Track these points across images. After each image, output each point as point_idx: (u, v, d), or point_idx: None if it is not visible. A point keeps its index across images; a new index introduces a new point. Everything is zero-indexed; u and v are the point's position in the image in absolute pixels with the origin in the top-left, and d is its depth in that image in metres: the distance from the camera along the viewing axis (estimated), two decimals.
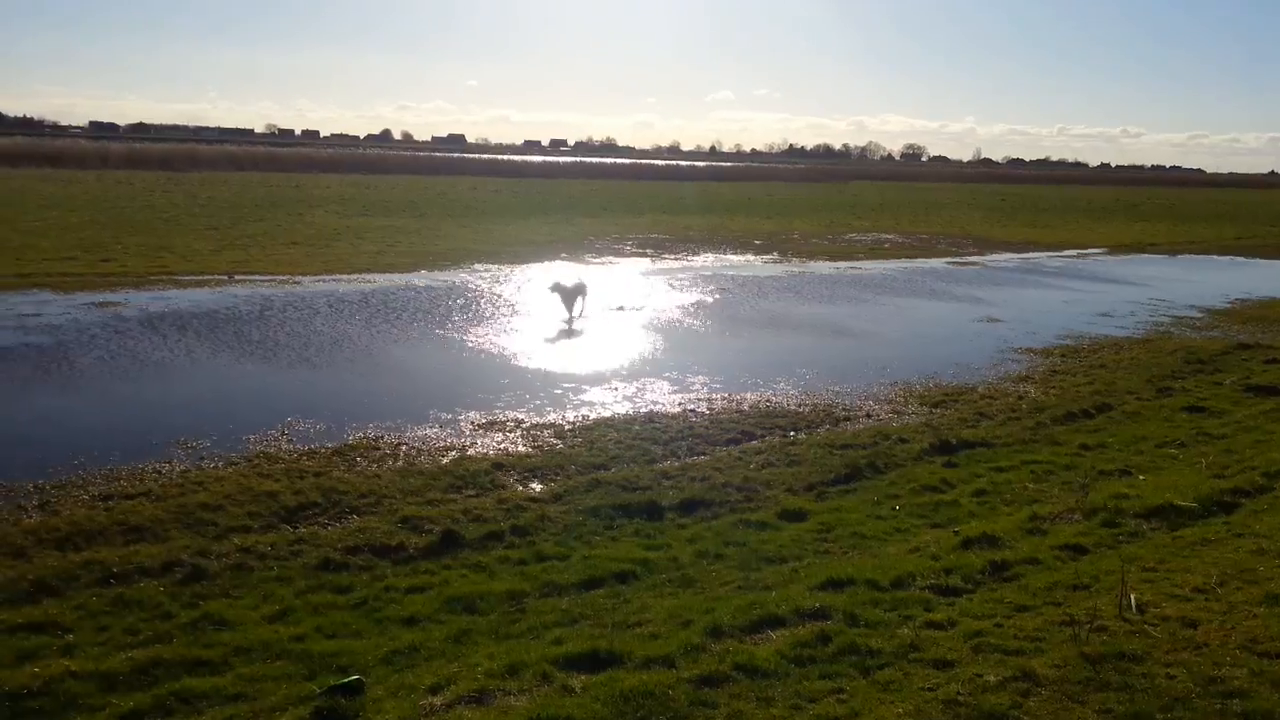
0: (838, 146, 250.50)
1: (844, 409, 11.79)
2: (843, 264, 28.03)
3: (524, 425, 10.67)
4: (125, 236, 26.27)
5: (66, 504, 7.83)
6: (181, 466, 8.87)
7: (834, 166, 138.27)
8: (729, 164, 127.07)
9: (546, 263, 25.41)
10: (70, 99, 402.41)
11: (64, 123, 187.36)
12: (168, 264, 21.72)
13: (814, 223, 43.62)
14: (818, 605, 5.85)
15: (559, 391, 12.15)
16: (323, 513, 7.99)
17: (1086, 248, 36.60)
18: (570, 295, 17.31)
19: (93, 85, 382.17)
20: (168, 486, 8.31)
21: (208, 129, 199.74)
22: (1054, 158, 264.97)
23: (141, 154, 66.83)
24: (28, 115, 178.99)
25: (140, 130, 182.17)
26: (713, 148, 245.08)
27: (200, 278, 20.06)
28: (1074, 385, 13.44)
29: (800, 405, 11.89)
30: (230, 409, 11.00)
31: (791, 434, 10.73)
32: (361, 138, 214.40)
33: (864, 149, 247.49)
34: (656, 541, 7.73)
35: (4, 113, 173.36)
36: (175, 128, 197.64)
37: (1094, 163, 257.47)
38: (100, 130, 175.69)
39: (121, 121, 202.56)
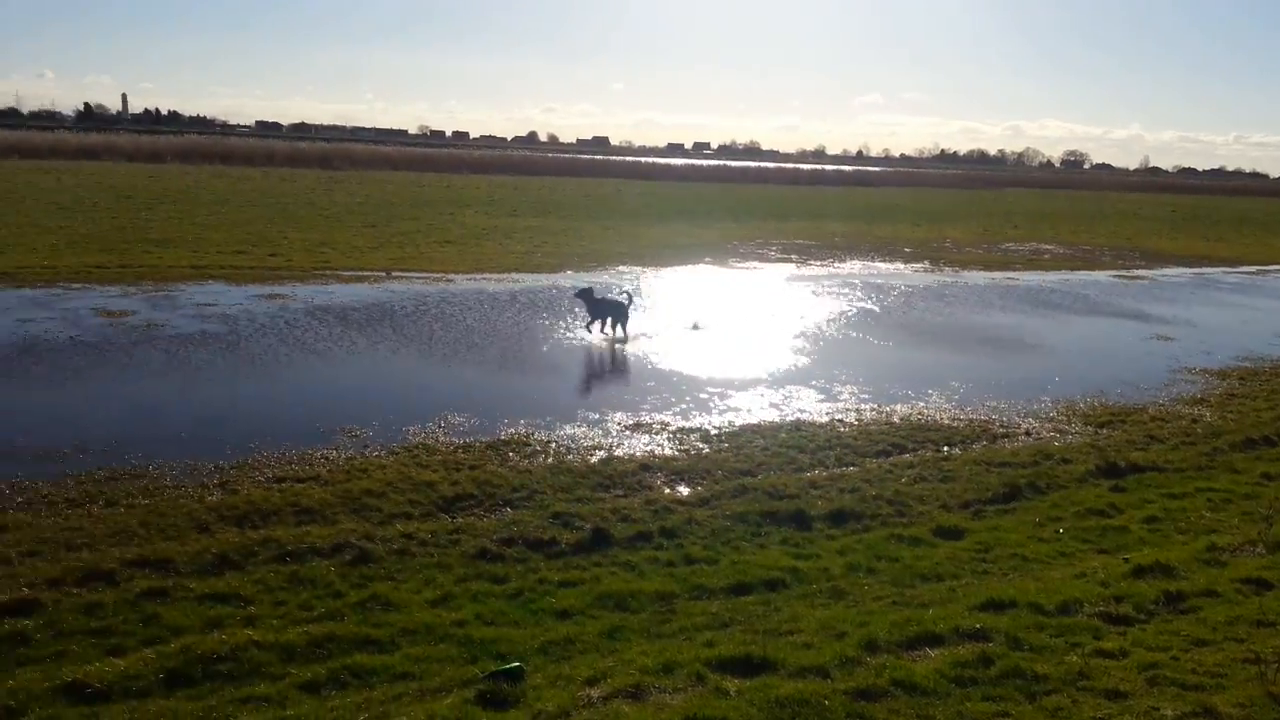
0: (993, 152, 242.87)
1: (1001, 425, 11.41)
2: (998, 274, 27.13)
3: (670, 428, 10.74)
4: (290, 232, 27.70)
5: (244, 484, 8.31)
6: (347, 454, 9.29)
7: (989, 173, 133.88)
8: (877, 169, 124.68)
9: (690, 265, 25.49)
10: (239, 100, 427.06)
11: (233, 122, 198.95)
12: (329, 259, 22.79)
13: (967, 230, 42.36)
14: (978, 626, 5.67)
15: (704, 396, 12.17)
16: (478, 504, 8.23)
17: (1267, 264, 34.34)
18: (599, 310, 15.46)
19: (260, 87, 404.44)
20: (335, 472, 8.72)
21: (364, 129, 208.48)
22: (1230, 167, 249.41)
23: (303, 153, 70.34)
24: (201, 115, 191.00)
25: (301, 130, 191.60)
26: (859, 152, 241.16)
27: (360, 273, 20.96)
28: (1254, 410, 12.63)
29: (954, 419, 11.57)
30: (390, 400, 11.46)
31: (945, 449, 10.44)
32: (509, 139, 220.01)
33: (1021, 155, 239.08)
34: (805, 551, 7.66)
35: (180, 112, 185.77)
36: (334, 127, 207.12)
37: (1275, 173, 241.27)
38: (265, 129, 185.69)
39: (285, 121, 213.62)
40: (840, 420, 11.29)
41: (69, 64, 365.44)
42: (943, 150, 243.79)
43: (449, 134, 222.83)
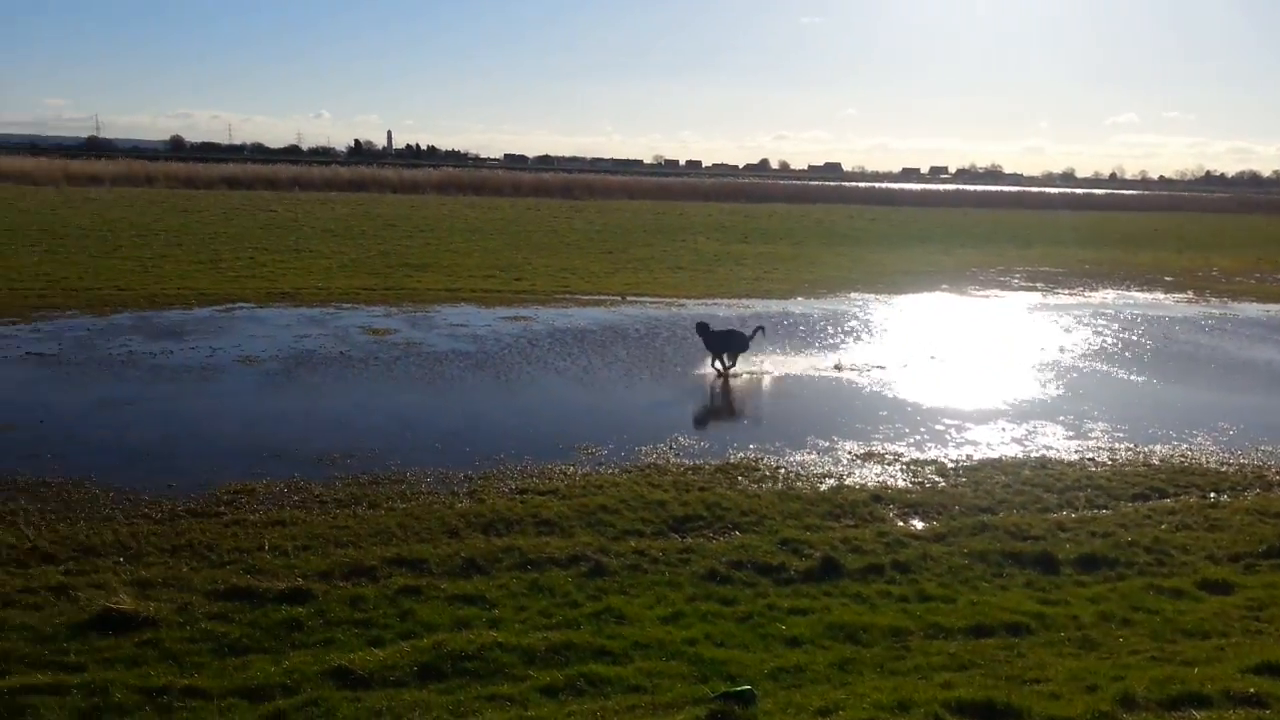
0: (1266, 174, 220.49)
1: (1278, 472, 10.33)
2: (1274, 307, 24.62)
3: (904, 459, 10.44)
4: (534, 258, 29.12)
5: (490, 494, 8.80)
6: (584, 470, 9.64)
7: (1262, 196, 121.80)
8: (1133, 192, 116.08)
9: (925, 293, 24.73)
10: (489, 134, 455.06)
11: (484, 155, 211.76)
12: (569, 284, 23.77)
13: (1238, 259, 38.71)
14: (1252, 690, 5.16)
15: (940, 427, 11.76)
16: (707, 525, 8.31)
17: None
18: (717, 343, 14.50)
19: (508, 121, 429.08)
20: (573, 487, 9.07)
21: (603, 160, 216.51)
22: None
23: (547, 183, 73.80)
24: (455, 149, 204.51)
25: (545, 161, 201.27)
26: (1113, 175, 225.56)
27: (597, 297, 21.75)
28: None
29: (1222, 464, 10.58)
30: (623, 419, 11.80)
31: (1211, 495, 9.57)
32: (740, 167, 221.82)
33: None
34: (1052, 596, 7.22)
35: (437, 147, 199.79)
36: (574, 159, 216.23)
37: None
38: (513, 161, 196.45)
39: (530, 154, 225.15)
40: (1091, 459, 10.59)
41: (342, 105, 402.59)
42: (1208, 172, 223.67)
43: (683, 163, 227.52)
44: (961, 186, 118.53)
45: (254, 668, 5.47)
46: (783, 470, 9.92)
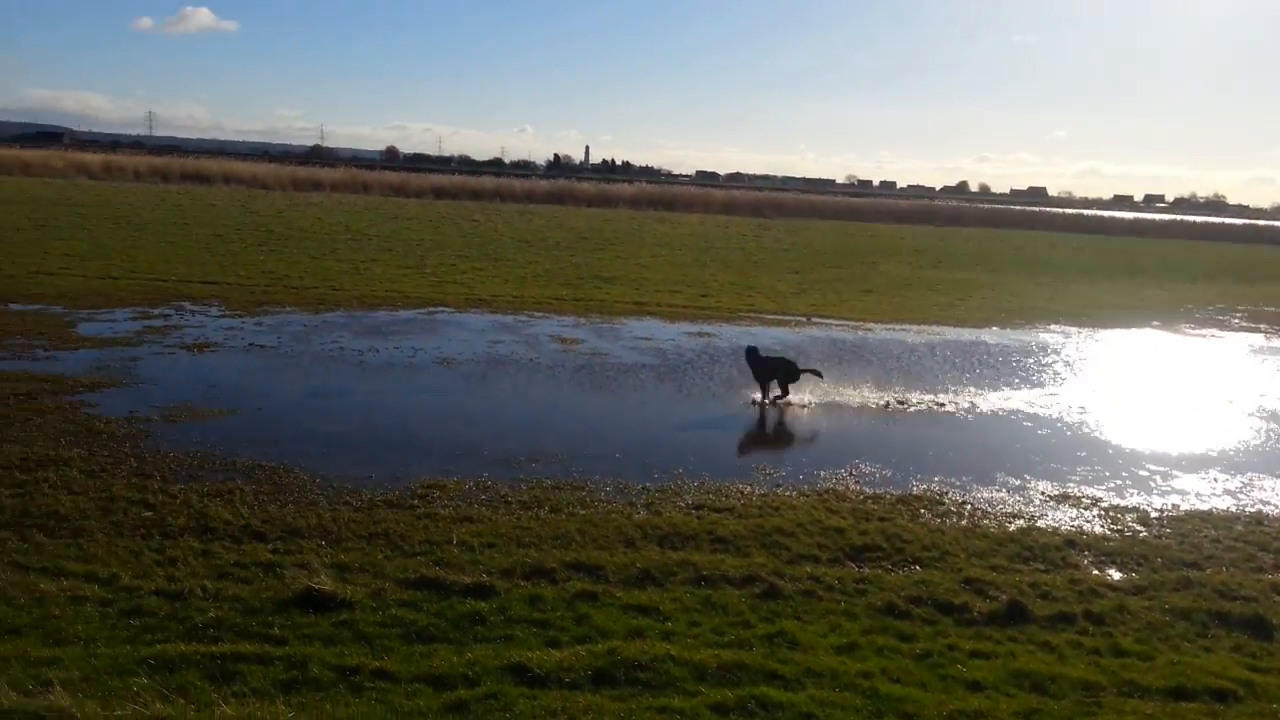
0: None
1: None
2: None
3: (1101, 504, 9.85)
4: (721, 275, 29.24)
5: (667, 507, 8.89)
6: (761, 490, 9.60)
7: None
8: None
9: (1134, 329, 23.27)
10: (683, 150, 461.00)
11: (676, 171, 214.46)
12: (754, 302, 23.73)
13: None
14: None
15: (1144, 473, 11.02)
16: (885, 557, 8.10)
17: None
18: (763, 371, 13.52)
19: (701, 138, 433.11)
20: (749, 507, 9.05)
21: (794, 178, 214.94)
22: None
23: (737, 201, 74.00)
24: (649, 165, 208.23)
25: (735, 179, 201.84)
26: None
27: (782, 317, 21.62)
28: None
29: None
30: (801, 441, 11.70)
31: None
32: (937, 189, 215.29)
33: None
34: (1263, 664, 6.63)
35: (631, 162, 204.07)
36: (765, 177, 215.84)
37: None
38: (704, 178, 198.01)
39: (721, 170, 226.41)
40: None
41: (544, 120, 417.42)
42: None
43: (877, 183, 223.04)
44: (1180, 217, 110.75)
45: (439, 656, 5.73)
46: (968, 506, 9.56)
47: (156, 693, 4.96)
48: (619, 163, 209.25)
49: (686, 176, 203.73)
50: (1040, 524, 9.16)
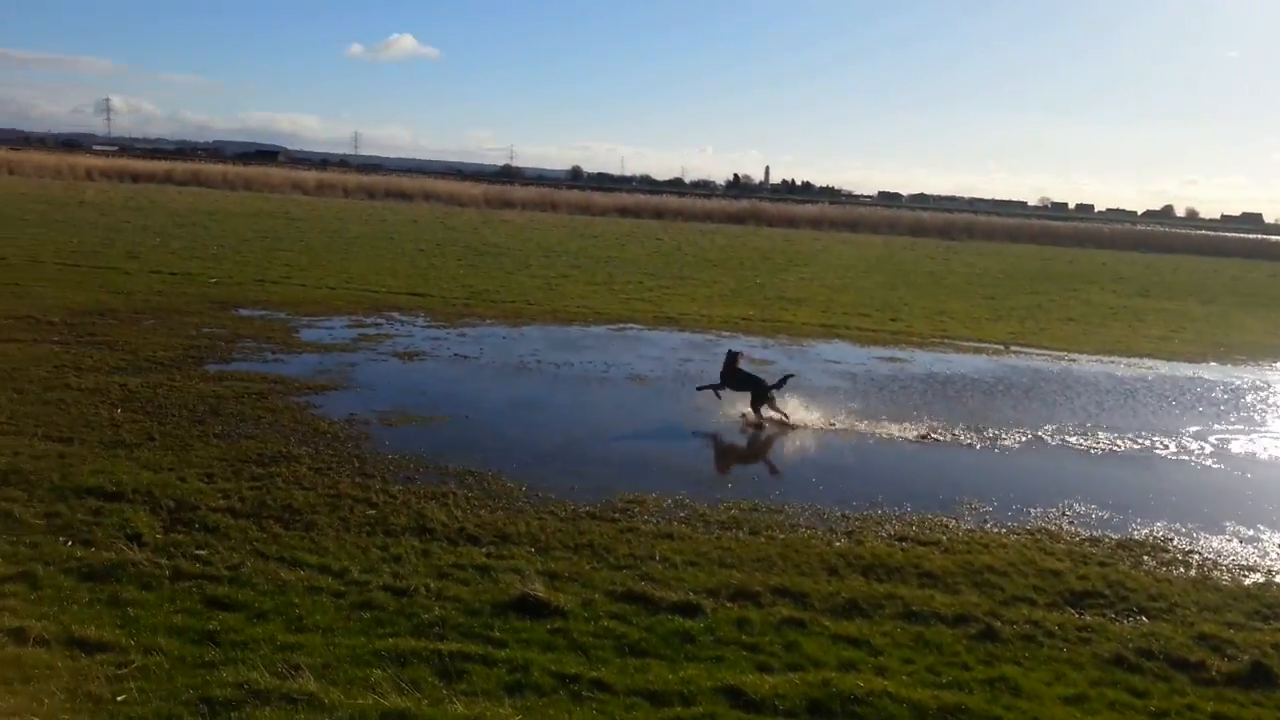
0: None
1: None
2: None
3: None
4: (910, 299, 28.50)
5: (868, 537, 8.68)
6: (967, 525, 9.24)
7: None
8: None
9: None
10: (866, 171, 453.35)
11: (857, 191, 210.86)
12: (947, 328, 22.99)
13: None
14: None
15: None
16: (1108, 605, 7.63)
17: None
18: (735, 382, 12.96)
19: (883, 158, 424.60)
20: (955, 542, 8.72)
21: (982, 200, 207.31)
22: None
23: (924, 223, 72.04)
24: (830, 185, 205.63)
25: (919, 200, 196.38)
26: None
27: (978, 344, 20.84)
28: None
29: None
30: (1008, 476, 11.20)
31: None
32: (1139, 214, 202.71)
33: None
34: None
35: (812, 183, 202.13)
36: (951, 198, 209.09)
37: None
38: (886, 199, 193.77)
39: (905, 192, 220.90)
40: None
41: (724, 140, 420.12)
42: None
43: (1072, 206, 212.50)
44: None
45: (652, 671, 5.78)
46: (1196, 556, 8.89)
47: (393, 685, 5.22)
48: (799, 183, 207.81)
49: (869, 197, 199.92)
50: (1279, 579, 8.43)
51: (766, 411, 12.77)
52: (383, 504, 8.65)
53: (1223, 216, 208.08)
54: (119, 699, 4.85)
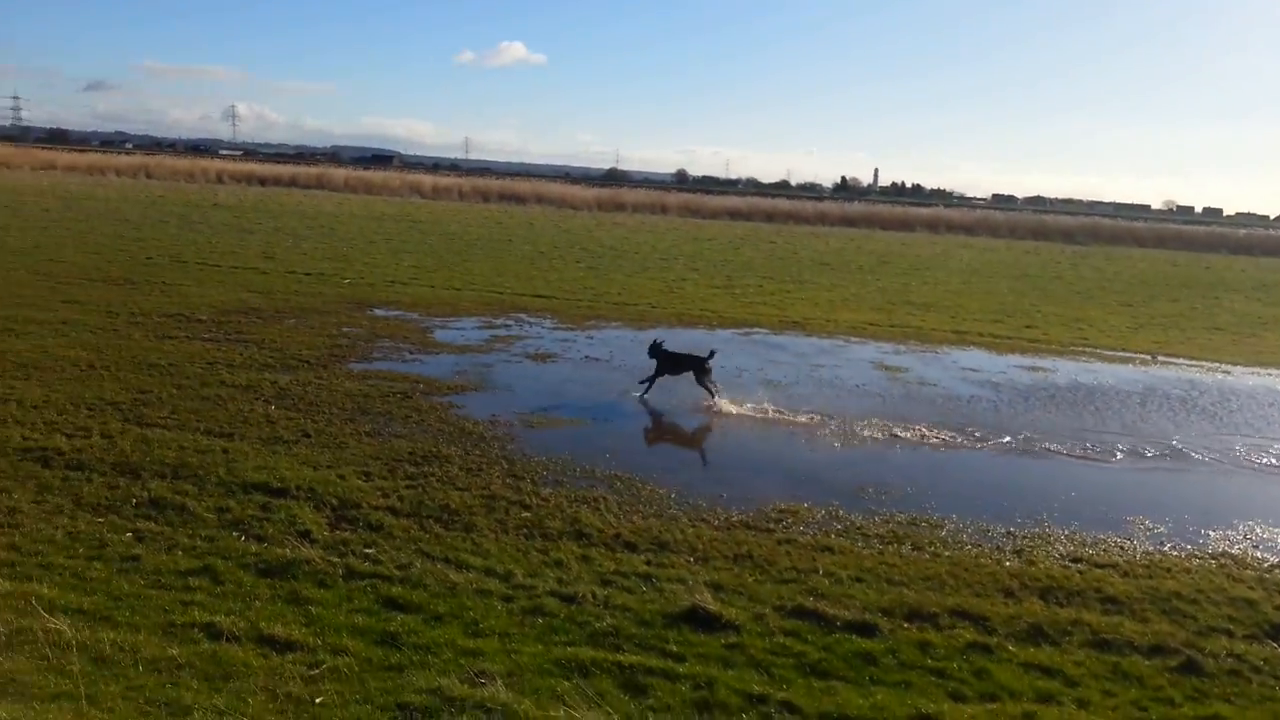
0: None
1: None
2: None
3: None
4: (1042, 305, 27.45)
5: (1039, 557, 8.25)
6: (1143, 547, 8.71)
7: None
8: None
9: None
10: (975, 173, 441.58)
11: (969, 194, 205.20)
12: (1087, 336, 22.03)
13: None
14: None
15: None
16: None
17: None
18: (669, 366, 13.46)
19: (996, 159, 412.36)
20: (1133, 565, 8.22)
21: (1101, 203, 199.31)
22: None
23: (1046, 226, 69.60)
24: (940, 187, 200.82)
25: (1035, 203, 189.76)
26: None
27: (1122, 354, 19.90)
28: None
29: None
30: (1177, 495, 10.59)
31: None
32: (1271, 217, 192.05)
33: None
34: None
35: (922, 185, 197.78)
36: (1068, 201, 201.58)
37: None
38: (1000, 202, 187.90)
39: (1019, 194, 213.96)
40: None
41: (830, 143, 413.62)
42: None
43: (1199, 210, 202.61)
44: None
45: (840, 695, 5.54)
46: None
47: (581, 698, 5.10)
48: (909, 185, 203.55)
49: (982, 200, 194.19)
50: None
51: (707, 382, 13.20)
52: (536, 506, 8.61)
53: None
54: (317, 701, 4.86)
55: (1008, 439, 12.36)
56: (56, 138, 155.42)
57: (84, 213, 37.79)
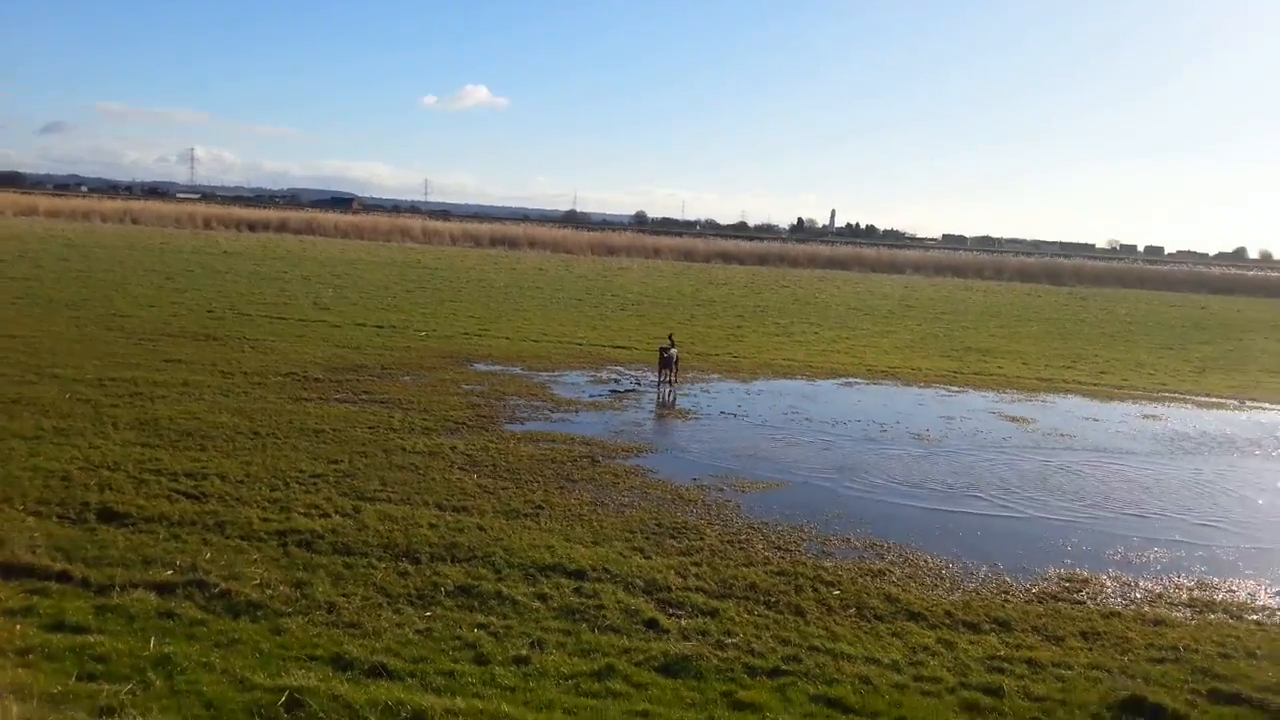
0: None
1: None
2: None
3: None
4: (1089, 350, 27.74)
5: None
6: None
7: None
8: None
9: None
10: (923, 215, 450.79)
11: (919, 234, 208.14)
12: (1164, 382, 22.21)
13: None
14: None
15: None
16: None
17: None
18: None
19: (941, 199, 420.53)
20: None
21: (1047, 242, 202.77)
22: None
23: (1028, 267, 70.91)
24: (892, 227, 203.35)
25: (985, 243, 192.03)
26: None
27: (1208, 399, 20.08)
28: None
29: None
30: None
31: None
32: (1210, 255, 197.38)
33: None
34: None
35: (875, 225, 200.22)
36: (1015, 240, 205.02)
37: None
38: (951, 242, 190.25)
39: (968, 234, 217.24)
40: None
41: (782, 185, 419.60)
42: None
43: (1140, 248, 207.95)
44: None
45: None
46: None
47: None
48: (862, 225, 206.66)
49: (933, 240, 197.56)
50: None
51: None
52: (839, 582, 8.27)
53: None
54: None
55: (1192, 493, 12.26)
56: (11, 180, 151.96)
57: (103, 262, 36.67)
